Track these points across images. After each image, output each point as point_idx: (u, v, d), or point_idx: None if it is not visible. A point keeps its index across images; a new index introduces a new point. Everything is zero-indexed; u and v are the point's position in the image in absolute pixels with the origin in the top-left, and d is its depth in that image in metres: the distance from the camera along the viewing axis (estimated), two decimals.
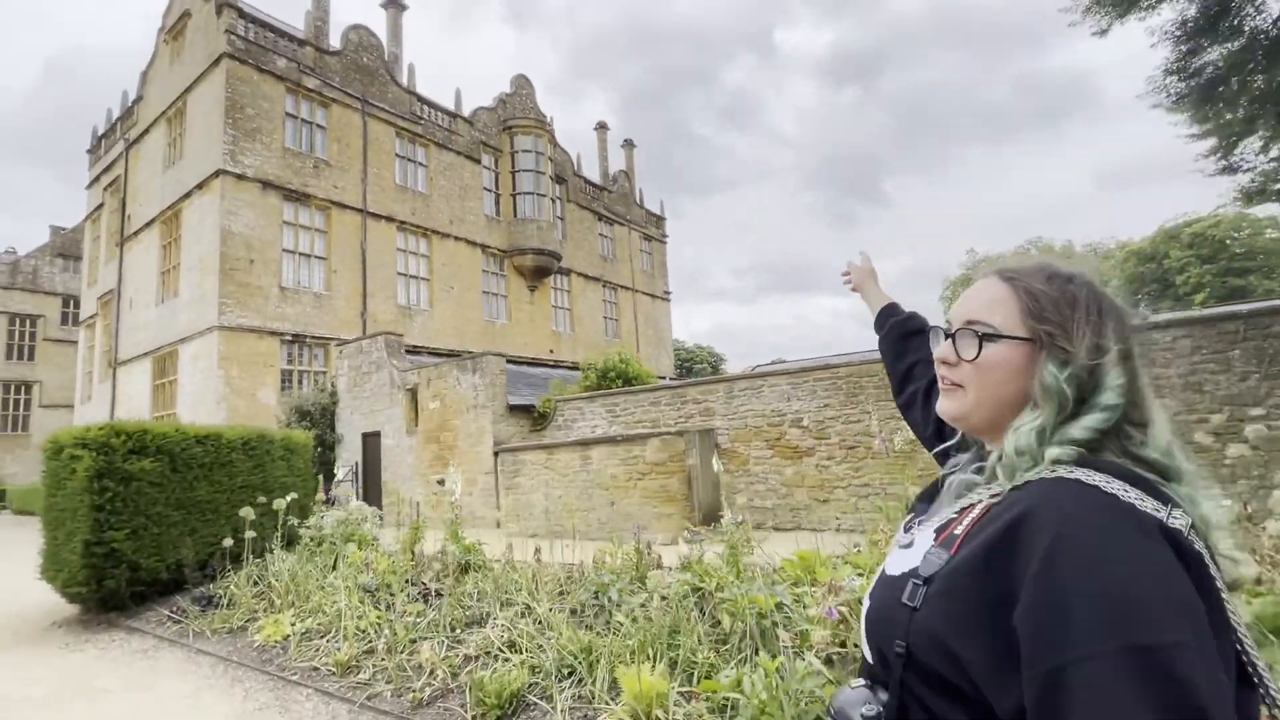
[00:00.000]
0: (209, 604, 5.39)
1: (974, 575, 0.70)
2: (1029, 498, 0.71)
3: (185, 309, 18.28)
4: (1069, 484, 0.70)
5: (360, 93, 21.05)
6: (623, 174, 34.89)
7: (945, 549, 0.77)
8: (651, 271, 35.79)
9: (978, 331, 0.82)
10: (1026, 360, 0.80)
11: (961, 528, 0.78)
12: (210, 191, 17.68)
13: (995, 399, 0.82)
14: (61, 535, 5.52)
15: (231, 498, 6.87)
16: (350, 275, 19.94)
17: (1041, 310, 0.80)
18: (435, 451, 10.87)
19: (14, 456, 32.59)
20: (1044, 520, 0.67)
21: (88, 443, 5.41)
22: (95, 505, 5.32)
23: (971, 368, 0.82)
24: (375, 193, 21.00)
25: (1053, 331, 0.79)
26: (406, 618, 4.22)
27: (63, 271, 36.22)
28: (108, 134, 24.66)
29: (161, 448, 5.92)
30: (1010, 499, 0.74)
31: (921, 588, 0.75)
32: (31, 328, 34.63)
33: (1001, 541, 0.69)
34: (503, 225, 25.73)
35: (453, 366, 10.94)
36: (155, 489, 5.83)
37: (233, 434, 7.01)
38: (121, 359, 21.16)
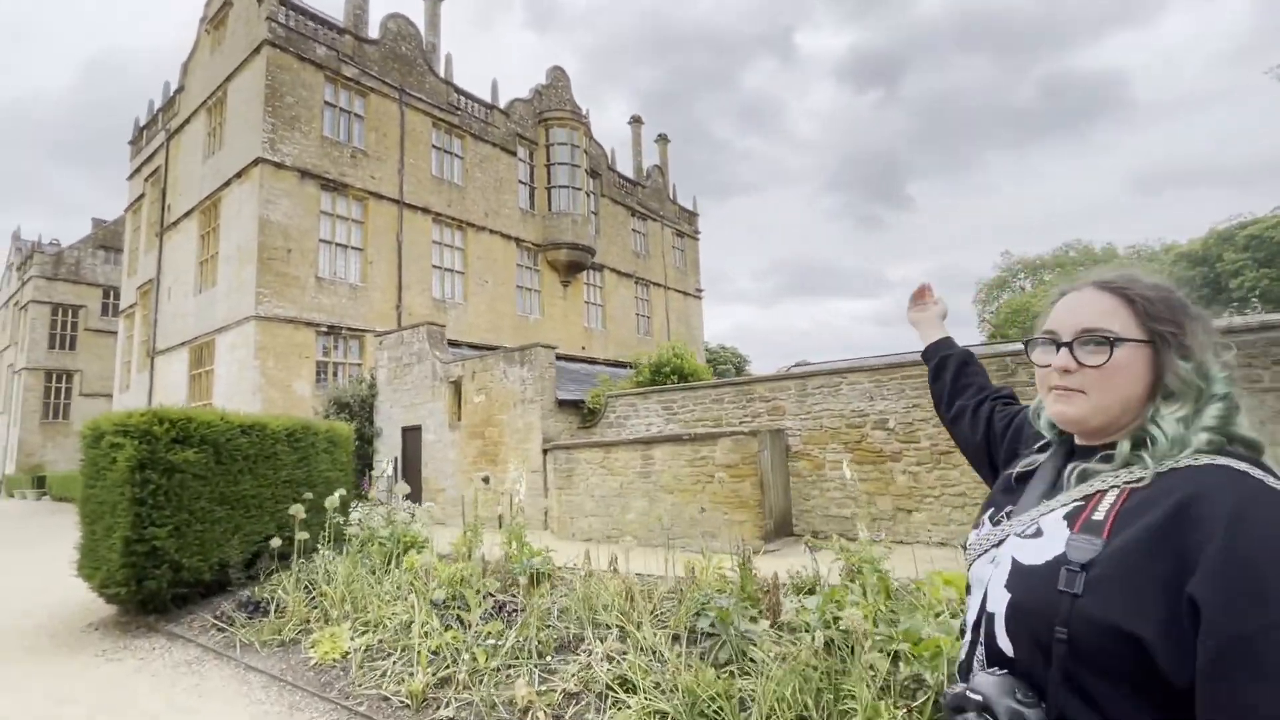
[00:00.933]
0: (256, 610, 4.90)
1: (1145, 555, 0.72)
2: (1190, 482, 0.76)
3: (223, 299, 18.15)
4: (1222, 469, 0.76)
5: (398, 82, 20.77)
6: (656, 169, 34.28)
7: (1092, 534, 0.79)
8: (684, 268, 35.14)
9: (1108, 337, 0.86)
10: (1147, 362, 0.86)
11: (1103, 513, 0.81)
12: (249, 180, 17.50)
13: (1121, 400, 0.86)
14: (100, 530, 5.09)
15: (276, 492, 6.42)
16: (386, 267, 19.66)
17: (1158, 313, 0.86)
18: (479, 448, 10.37)
19: (55, 444, 33.16)
20: (1217, 500, 0.72)
21: (129, 430, 4.96)
22: (136, 498, 4.87)
23: (1097, 373, 0.87)
24: (412, 184, 20.71)
25: (1174, 331, 0.86)
26: (487, 639, 3.65)
27: (104, 263, 36.84)
28: (149, 125, 24.81)
29: (206, 437, 5.46)
30: (1164, 484, 0.79)
31: (1079, 574, 0.75)
32: (73, 318, 35.25)
33: (1172, 522, 0.73)
34: (537, 219, 25.32)
35: (499, 359, 10.43)
36: (199, 482, 5.37)
37: (277, 424, 6.56)
38: (159, 348, 21.18)
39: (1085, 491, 0.86)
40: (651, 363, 10.89)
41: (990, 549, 0.94)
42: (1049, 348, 0.93)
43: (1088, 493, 0.85)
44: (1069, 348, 0.89)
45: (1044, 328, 0.96)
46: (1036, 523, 0.88)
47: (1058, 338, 0.91)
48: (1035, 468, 1.00)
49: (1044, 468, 0.98)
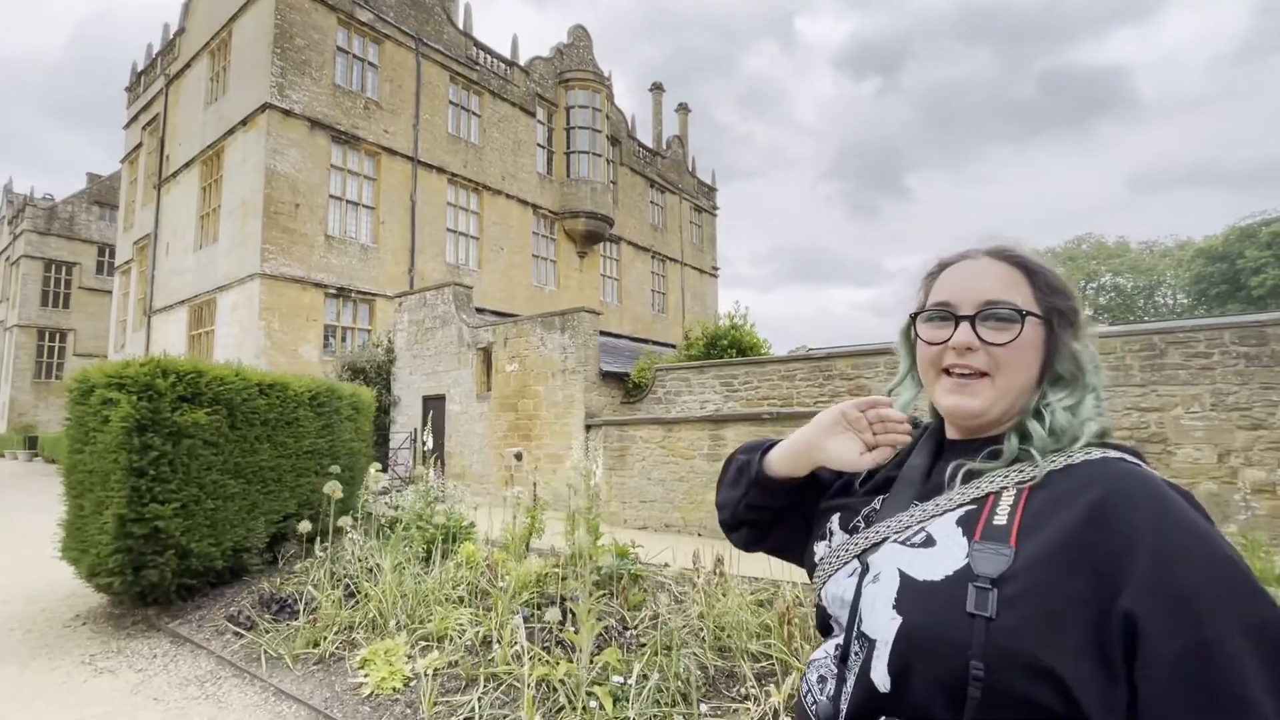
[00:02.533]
0: (283, 609, 3.97)
1: (1061, 567, 0.62)
2: (1094, 481, 0.67)
3: (225, 255, 17.04)
4: (1122, 464, 0.68)
5: (415, 31, 19.43)
6: (676, 139, 32.94)
7: (998, 542, 0.66)
8: (700, 245, 34.02)
9: (1018, 310, 0.75)
10: (1043, 342, 0.76)
11: (1004, 516, 0.68)
12: (255, 128, 16.29)
13: (1021, 384, 0.75)
14: (88, 505, 4.12)
15: (297, 464, 5.47)
16: (398, 228, 18.54)
17: (1056, 286, 0.78)
18: (511, 421, 9.42)
19: (47, 404, 32.15)
20: (1134, 500, 0.63)
21: (126, 383, 3.98)
22: (134, 468, 3.90)
23: (1003, 352, 0.74)
24: (427, 141, 19.49)
25: (1072, 308, 0.77)
26: (607, 673, 2.72)
27: (99, 219, 35.47)
28: (147, 70, 23.39)
29: (219, 396, 4.48)
30: (1064, 483, 0.68)
31: (990, 591, 0.63)
32: (67, 275, 34.00)
33: (1087, 527, 0.63)
34: (555, 185, 24.11)
35: (536, 324, 9.42)
36: (210, 450, 4.40)
37: (300, 385, 5.58)
38: (157, 307, 20.10)
39: (974, 494, 0.72)
40: (706, 335, 9.90)
41: (850, 560, 0.78)
42: (941, 323, 0.78)
43: (977, 495, 0.72)
44: (970, 322, 0.75)
45: (934, 300, 0.80)
46: (924, 528, 0.73)
47: (954, 310, 0.77)
48: (885, 465, 0.84)
49: (908, 465, 0.82)
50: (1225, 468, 5.32)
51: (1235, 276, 43.02)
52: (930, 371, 0.80)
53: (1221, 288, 44.42)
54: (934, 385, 0.79)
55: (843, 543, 0.81)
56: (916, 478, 0.80)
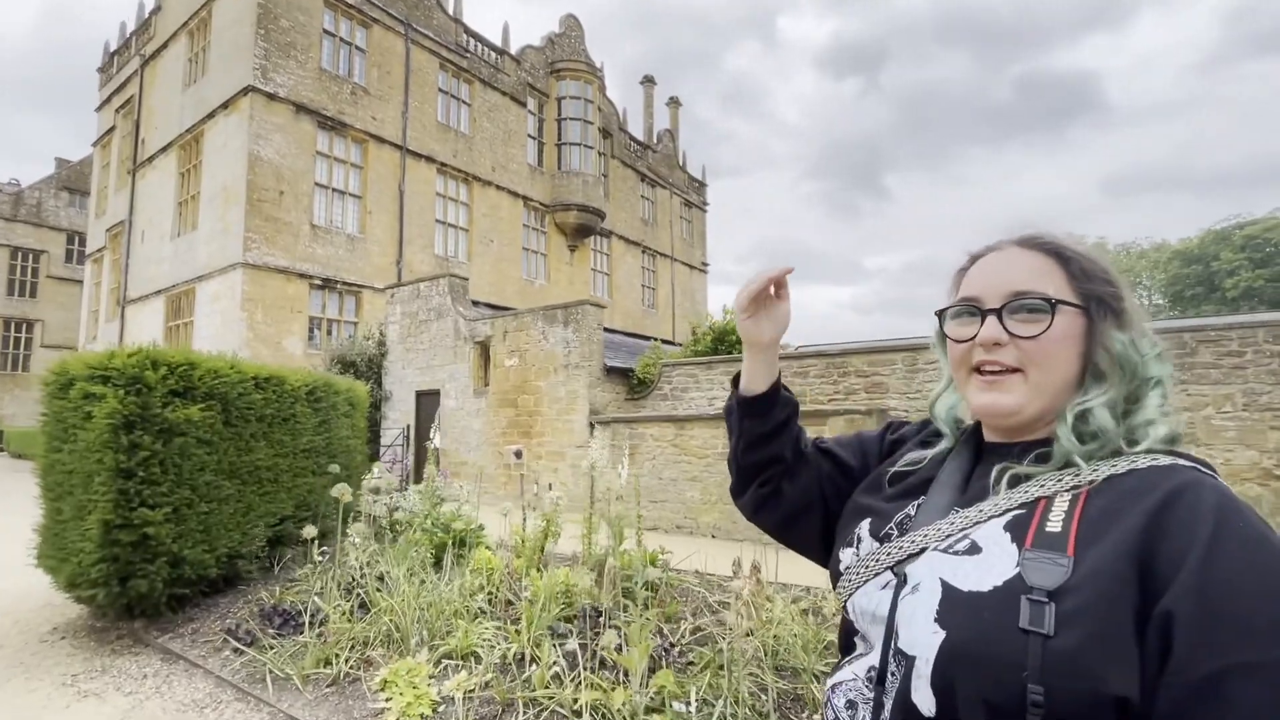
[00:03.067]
0: (286, 622, 3.64)
1: (1122, 580, 0.57)
2: (1160, 485, 0.61)
3: (205, 243, 16.41)
4: (1190, 472, 0.62)
5: (404, 15, 18.88)
6: (667, 133, 32.66)
7: (1053, 550, 0.60)
8: (690, 240, 33.82)
9: (1048, 300, 0.69)
10: (1082, 333, 0.70)
11: (1058, 523, 0.62)
12: (237, 111, 15.67)
13: (1059, 381, 0.69)
14: (68, 509, 3.75)
15: (294, 464, 5.13)
16: (386, 218, 18.03)
17: (1094, 271, 0.71)
18: (511, 417, 9.10)
19: (13, 397, 30.99)
20: (1195, 507, 0.58)
21: (111, 376, 3.61)
22: (121, 469, 3.55)
23: (1034, 346, 0.69)
24: (416, 129, 18.97)
25: (1112, 294, 0.70)
26: (664, 698, 2.46)
27: (68, 206, 34.21)
28: (121, 50, 22.48)
29: (213, 391, 4.12)
30: (1125, 487, 0.62)
31: (1048, 605, 0.57)
32: (34, 263, 32.75)
33: (1146, 534, 0.58)
34: (545, 177, 23.70)
35: (538, 317, 9.10)
36: (204, 449, 4.05)
37: (296, 379, 5.24)
38: (131, 297, 19.35)
39: (1023, 499, 0.66)
40: (714, 330, 9.66)
41: (883, 571, 0.71)
42: (969, 319, 0.73)
43: (1026, 500, 0.66)
44: (997, 315, 0.70)
45: (960, 295, 0.75)
46: (967, 535, 0.67)
47: (980, 305, 0.72)
48: (920, 467, 0.80)
49: (946, 469, 0.77)
50: (1258, 469, 5.23)
51: (1210, 278, 44.05)
52: (961, 371, 0.75)
53: (1197, 289, 45.49)
54: (966, 385, 0.75)
55: (873, 551, 0.75)
56: (956, 482, 0.75)
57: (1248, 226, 42.83)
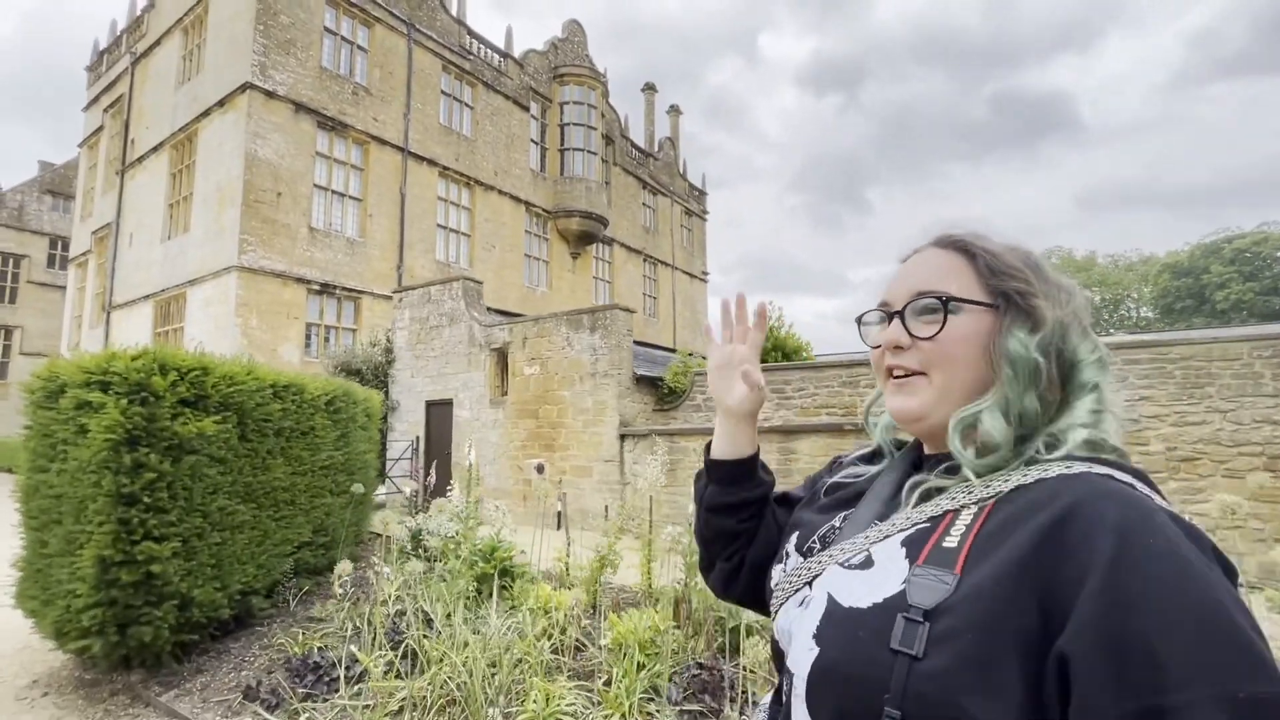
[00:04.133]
0: (319, 678, 3.05)
1: (1005, 599, 0.52)
2: (1060, 496, 0.55)
3: (197, 246, 15.73)
4: (1102, 480, 0.56)
5: (407, 15, 18.42)
6: (668, 141, 32.39)
7: (942, 568, 0.57)
8: (691, 249, 33.51)
9: (941, 298, 0.66)
10: (993, 332, 0.65)
11: (956, 538, 0.59)
12: (234, 109, 15.07)
13: (965, 384, 0.65)
14: (55, 541, 3.15)
15: (311, 483, 4.55)
16: (387, 222, 17.45)
17: (1002, 267, 0.67)
18: (532, 429, 8.52)
19: None
20: (1098, 519, 0.52)
21: (112, 381, 3.03)
22: (123, 494, 2.96)
23: (933, 347, 0.66)
24: (418, 131, 18.45)
25: (1021, 290, 0.66)
26: None
27: (51, 210, 33.22)
28: (110, 48, 21.81)
29: (228, 400, 3.55)
30: (1029, 498, 0.57)
31: (922, 625, 0.54)
32: (15, 268, 31.70)
33: (1038, 549, 0.53)
34: (548, 183, 23.25)
35: (561, 323, 8.55)
36: (217, 469, 3.47)
37: (315, 387, 4.67)
38: (117, 302, 18.55)
39: (932, 512, 0.63)
40: None
41: (802, 587, 0.69)
42: (881, 323, 0.72)
43: (935, 513, 0.63)
44: (900, 316, 0.69)
45: (879, 299, 0.74)
46: (866, 550, 0.65)
47: (889, 307, 0.71)
48: (858, 481, 0.78)
49: (880, 481, 0.74)
50: None
51: (1200, 291, 44.53)
52: (880, 376, 0.73)
53: (1187, 302, 45.97)
54: (885, 392, 0.72)
55: (796, 567, 0.72)
56: (885, 495, 0.71)
57: (1236, 240, 43.48)
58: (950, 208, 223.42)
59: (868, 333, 0.74)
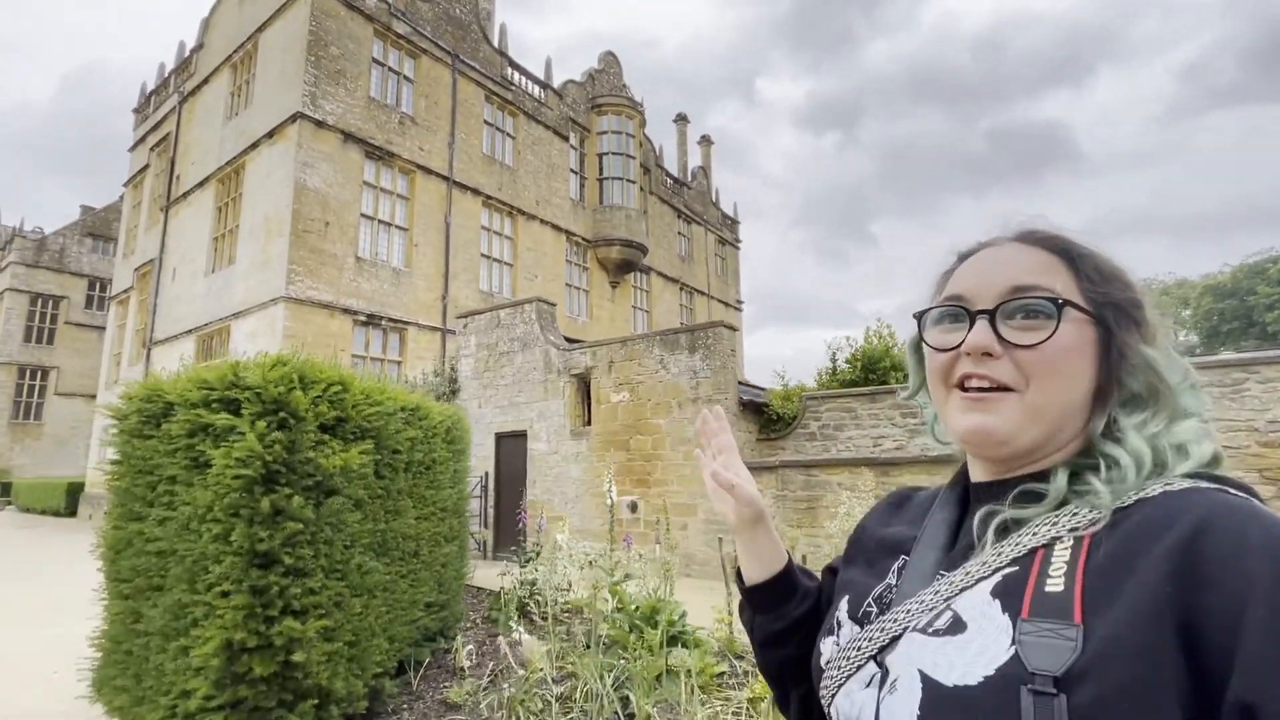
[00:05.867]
0: None
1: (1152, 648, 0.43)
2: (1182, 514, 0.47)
3: (243, 278, 15.36)
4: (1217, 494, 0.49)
5: (451, 46, 18.38)
6: (700, 170, 32.20)
7: (1057, 619, 0.47)
8: (725, 278, 32.98)
9: (1054, 299, 0.55)
10: (1094, 348, 0.57)
11: (1060, 579, 0.49)
12: (284, 139, 14.87)
13: (1064, 403, 0.55)
14: (158, 614, 2.35)
15: (433, 529, 3.73)
16: (432, 252, 17.05)
17: (1108, 274, 0.58)
18: (621, 462, 7.68)
19: (23, 447, 29.67)
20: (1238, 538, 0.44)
21: (243, 399, 2.27)
22: (260, 553, 2.16)
23: (1034, 356, 0.55)
24: (462, 161, 18.20)
25: (1134, 302, 0.57)
26: None
27: (91, 252, 33.69)
28: (158, 90, 22.10)
29: (367, 425, 2.77)
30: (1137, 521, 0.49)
31: (1055, 699, 0.44)
32: (54, 309, 31.96)
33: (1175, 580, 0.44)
34: (587, 212, 22.91)
35: (654, 343, 7.79)
36: (356, 515, 2.66)
37: (438, 412, 3.89)
38: (158, 338, 18.22)
39: (1015, 552, 0.53)
40: (860, 355, 8.30)
41: (865, 663, 0.58)
42: (954, 324, 0.60)
43: (1018, 553, 0.53)
44: (989, 317, 0.57)
45: (945, 294, 0.62)
46: (949, 607, 0.54)
47: (969, 305, 0.59)
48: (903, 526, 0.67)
49: (931, 521, 0.64)
50: None
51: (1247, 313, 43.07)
52: (940, 388, 0.61)
53: (1233, 324, 44.49)
54: (945, 405, 0.60)
55: (852, 639, 0.60)
56: (941, 538, 0.61)
57: None
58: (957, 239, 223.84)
59: (931, 334, 0.61)
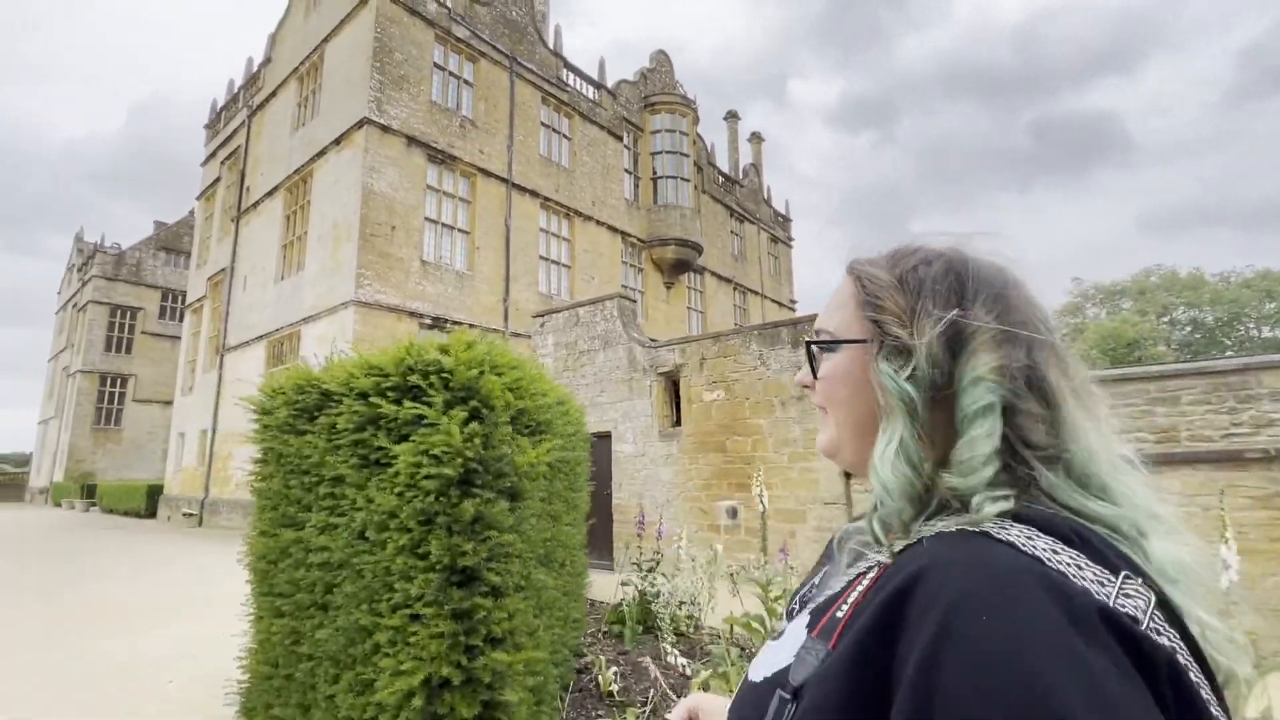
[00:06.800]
0: None
1: (846, 679, 0.48)
2: (910, 562, 0.50)
3: (312, 284, 15.58)
4: (960, 543, 0.48)
5: (509, 49, 18.35)
6: (752, 168, 31.56)
7: (823, 640, 0.53)
8: (778, 276, 32.19)
9: (811, 340, 0.66)
10: (868, 364, 0.60)
11: (842, 609, 0.54)
12: (351, 145, 15.03)
13: (853, 423, 0.61)
14: (324, 636, 2.01)
15: (575, 536, 3.34)
16: (492, 254, 16.98)
17: (877, 297, 0.60)
18: (717, 465, 7.22)
19: (104, 451, 31.14)
20: (935, 591, 0.45)
21: (428, 386, 1.91)
22: (460, 569, 1.79)
23: (820, 386, 0.64)
24: (520, 163, 18.13)
25: (893, 315, 0.59)
26: None
27: (164, 265, 35.30)
28: (228, 106, 22.87)
29: (541, 417, 2.39)
30: (897, 563, 0.52)
31: (790, 704, 0.51)
32: (131, 320, 33.55)
33: (876, 625, 0.48)
34: (641, 212, 22.59)
35: (750, 338, 7.32)
36: (535, 523, 2.28)
37: (575, 405, 3.50)
38: (230, 344, 18.71)
39: (850, 575, 0.58)
40: None
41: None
42: None
43: (850, 577, 0.58)
44: (808, 352, 0.66)
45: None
46: (791, 617, 0.63)
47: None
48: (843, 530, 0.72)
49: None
50: None
51: None
52: None
53: None
54: None
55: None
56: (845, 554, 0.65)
57: None
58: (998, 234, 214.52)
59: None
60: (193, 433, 20.38)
